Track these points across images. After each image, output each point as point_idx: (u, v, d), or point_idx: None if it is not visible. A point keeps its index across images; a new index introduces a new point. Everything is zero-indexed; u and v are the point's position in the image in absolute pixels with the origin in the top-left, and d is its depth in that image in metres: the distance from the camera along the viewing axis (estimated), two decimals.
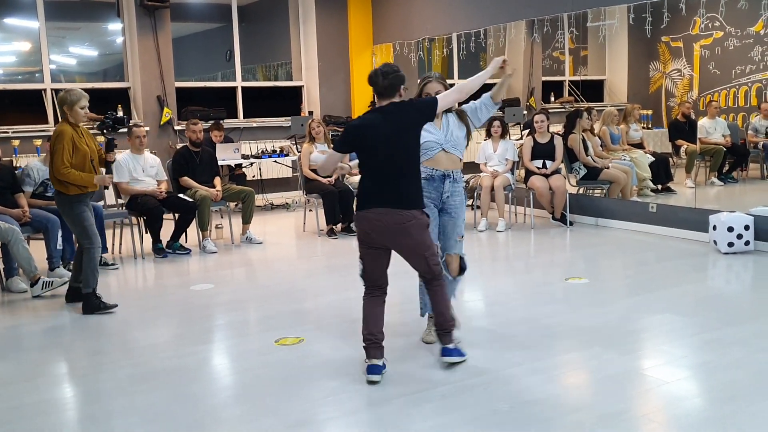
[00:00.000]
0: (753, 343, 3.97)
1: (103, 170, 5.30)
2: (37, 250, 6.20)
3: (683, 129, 8.61)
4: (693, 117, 8.73)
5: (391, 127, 3.53)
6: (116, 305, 5.01)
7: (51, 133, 5.80)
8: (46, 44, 9.17)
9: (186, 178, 7.06)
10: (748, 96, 8.64)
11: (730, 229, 6.06)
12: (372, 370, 3.54)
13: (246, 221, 7.32)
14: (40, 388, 3.67)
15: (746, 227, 6.05)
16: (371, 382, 3.49)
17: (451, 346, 3.72)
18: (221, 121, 9.35)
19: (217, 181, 7.27)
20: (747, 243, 6.08)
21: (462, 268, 4.11)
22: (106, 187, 6.21)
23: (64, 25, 10.38)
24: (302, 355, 4.00)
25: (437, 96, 3.69)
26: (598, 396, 3.38)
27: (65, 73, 10.34)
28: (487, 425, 3.03)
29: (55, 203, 6.11)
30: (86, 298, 4.99)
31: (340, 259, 6.60)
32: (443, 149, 3.95)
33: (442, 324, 3.71)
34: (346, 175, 7.95)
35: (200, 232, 7.00)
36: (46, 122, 9.06)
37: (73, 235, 6.07)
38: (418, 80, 3.86)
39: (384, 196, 3.53)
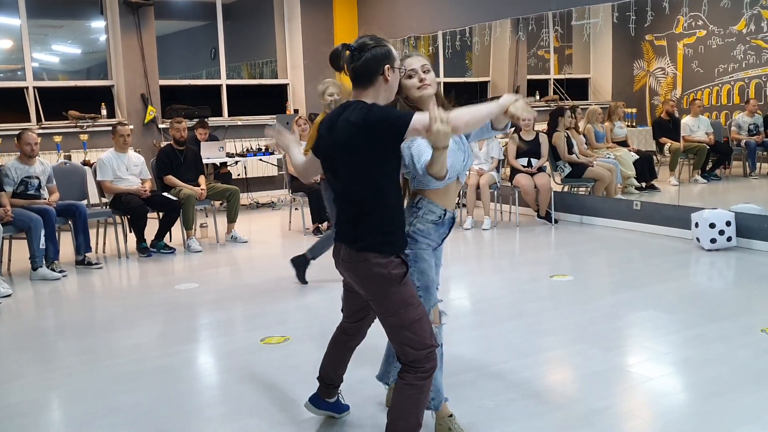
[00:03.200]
0: (735, 339, 4.00)
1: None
2: (20, 250, 6.16)
3: (667, 127, 8.67)
4: (677, 115, 8.79)
5: (343, 136, 2.47)
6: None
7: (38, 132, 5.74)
8: (28, 42, 9.08)
9: (170, 176, 7.02)
10: (731, 94, 8.71)
11: (712, 226, 6.11)
12: (313, 399, 3.06)
13: (231, 220, 7.29)
14: (24, 388, 3.64)
15: (728, 223, 6.11)
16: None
17: (332, 400, 3.04)
18: (206, 119, 9.31)
19: (202, 179, 7.24)
20: (729, 239, 6.14)
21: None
22: None
23: (47, 23, 10.28)
24: (288, 354, 3.99)
25: (414, 113, 2.38)
26: (582, 392, 3.40)
27: (48, 71, 10.25)
28: (472, 422, 3.03)
29: (35, 202, 6.07)
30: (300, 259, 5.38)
31: (326, 258, 6.57)
32: (458, 178, 2.81)
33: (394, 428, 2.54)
34: None
35: (185, 231, 6.97)
36: (29, 120, 8.97)
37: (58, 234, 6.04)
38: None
39: (337, 222, 2.63)
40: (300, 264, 5.44)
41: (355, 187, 2.49)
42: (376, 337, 2.95)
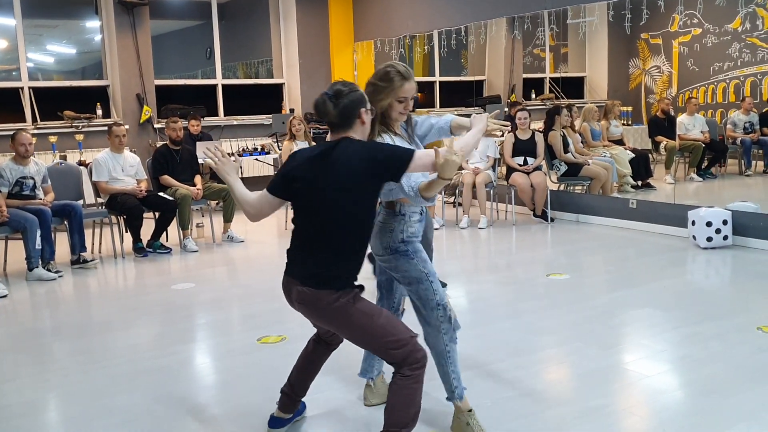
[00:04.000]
0: (732, 336, 4.01)
1: None
2: (16, 251, 6.14)
3: (662, 125, 8.68)
4: (672, 113, 8.80)
5: (329, 179, 2.52)
6: None
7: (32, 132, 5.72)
8: (23, 42, 9.05)
9: (166, 176, 7.01)
10: (726, 92, 8.73)
11: (709, 224, 6.12)
12: (272, 423, 3.02)
13: (227, 220, 7.29)
14: (20, 389, 3.63)
15: (724, 222, 6.12)
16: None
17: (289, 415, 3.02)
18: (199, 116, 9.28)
19: (198, 179, 7.23)
20: (725, 238, 6.15)
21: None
22: None
23: (42, 23, 10.26)
24: (285, 353, 3.98)
25: (416, 150, 2.55)
26: (579, 390, 3.40)
27: (43, 72, 10.23)
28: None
29: (31, 203, 6.06)
30: None
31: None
32: None
33: (392, 424, 2.59)
34: None
35: (181, 231, 6.96)
36: (24, 121, 8.95)
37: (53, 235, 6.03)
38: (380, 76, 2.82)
39: (291, 262, 2.67)
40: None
41: (344, 229, 2.55)
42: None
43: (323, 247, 2.56)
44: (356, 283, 2.62)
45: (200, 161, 7.62)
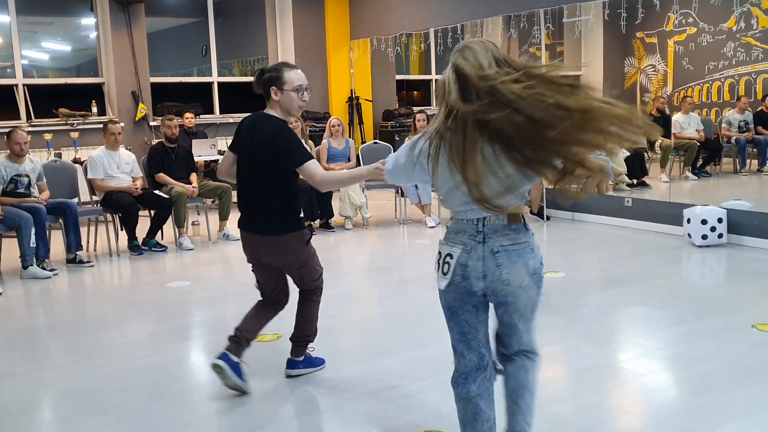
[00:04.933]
0: (726, 334, 4.03)
1: None
2: (10, 249, 6.12)
3: (657, 124, 8.69)
4: (667, 112, 8.83)
5: (260, 144, 3.21)
6: None
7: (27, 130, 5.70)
8: (17, 39, 9.02)
9: (162, 174, 7.00)
10: (721, 91, 8.76)
11: (704, 222, 6.13)
12: (222, 355, 3.31)
13: (223, 218, 7.27)
14: (15, 387, 3.62)
15: (719, 220, 6.14)
16: (214, 365, 3.29)
17: (300, 358, 3.55)
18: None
19: (194, 177, 7.21)
20: (720, 236, 6.17)
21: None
22: None
23: (36, 20, 10.21)
24: (280, 351, 3.97)
25: (309, 161, 3.18)
26: (574, 388, 3.41)
27: (38, 69, 10.19)
28: None
29: (25, 200, 6.04)
30: None
31: (319, 256, 6.57)
32: None
33: (304, 333, 3.51)
34: None
35: (176, 229, 6.94)
36: (18, 118, 8.92)
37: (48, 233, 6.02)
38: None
39: (242, 216, 3.36)
40: None
41: (270, 183, 3.20)
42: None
43: (266, 201, 3.24)
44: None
45: (196, 159, 7.61)
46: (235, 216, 7.42)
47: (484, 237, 2.25)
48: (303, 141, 7.63)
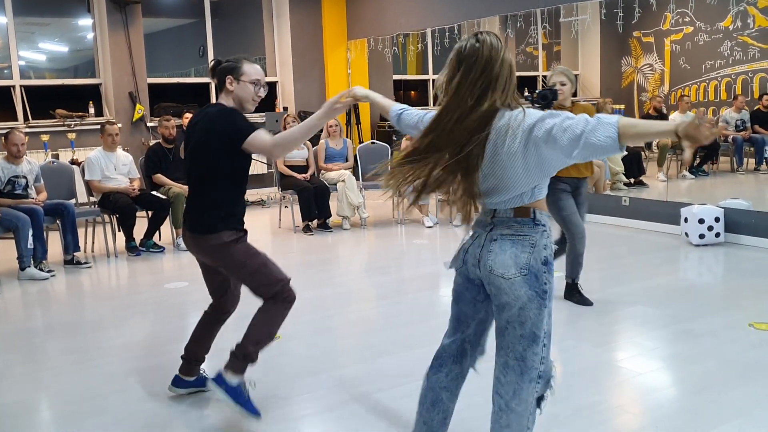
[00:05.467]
0: (724, 333, 4.03)
1: None
2: (8, 250, 6.12)
3: None
4: (664, 111, 8.84)
5: (198, 132, 3.04)
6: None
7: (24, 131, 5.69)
8: (14, 40, 9.01)
9: (159, 175, 6.99)
10: (718, 90, 8.77)
11: (701, 221, 6.14)
12: (175, 381, 3.37)
13: None
14: (13, 388, 3.61)
15: (716, 219, 6.15)
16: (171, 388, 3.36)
17: (234, 380, 3.03)
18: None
19: None
20: (718, 235, 6.18)
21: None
22: None
23: (33, 21, 10.20)
24: (278, 352, 3.98)
25: (256, 131, 2.92)
26: (572, 388, 3.41)
27: (35, 69, 10.17)
28: (463, 419, 3.04)
29: (23, 202, 6.03)
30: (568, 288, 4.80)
31: (316, 256, 6.59)
32: None
33: (247, 347, 3.03)
34: (322, 171, 7.96)
35: (174, 230, 6.94)
36: (16, 119, 8.91)
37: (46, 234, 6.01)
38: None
39: (185, 214, 3.17)
40: (572, 294, 4.80)
41: (202, 176, 3.03)
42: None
43: (198, 197, 3.08)
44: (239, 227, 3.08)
45: None
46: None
47: (492, 227, 2.25)
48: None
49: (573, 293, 4.73)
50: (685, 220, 6.29)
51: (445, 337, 2.48)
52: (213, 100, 10.31)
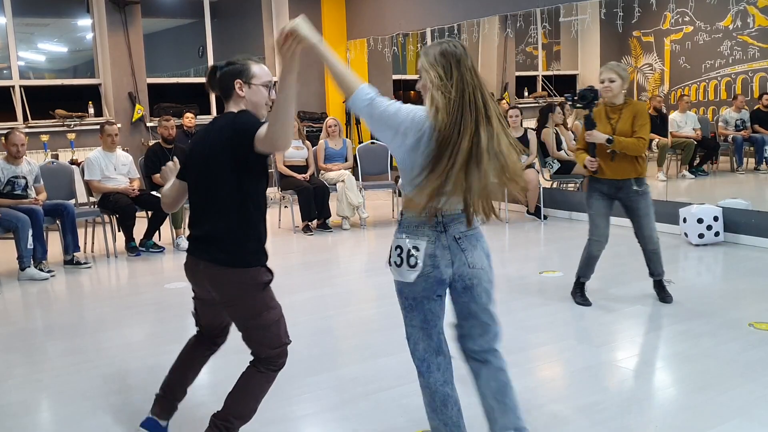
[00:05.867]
0: (723, 333, 4.03)
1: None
2: (7, 250, 6.12)
3: (655, 123, 8.71)
4: (664, 111, 8.83)
5: (204, 150, 2.64)
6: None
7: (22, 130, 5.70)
8: (13, 40, 9.01)
9: (158, 175, 6.97)
10: (718, 90, 8.76)
11: (700, 221, 6.14)
12: (146, 424, 2.91)
13: None
14: (12, 389, 3.61)
15: (716, 219, 6.15)
16: None
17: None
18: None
19: None
20: (717, 234, 6.18)
21: None
22: None
23: (33, 21, 10.20)
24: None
25: (264, 122, 2.51)
26: (572, 388, 3.41)
27: (34, 70, 10.17)
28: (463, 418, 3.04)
29: (22, 202, 6.04)
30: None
31: (316, 256, 6.59)
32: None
33: (229, 419, 2.70)
34: (322, 171, 7.96)
35: (174, 230, 6.94)
36: (15, 119, 8.90)
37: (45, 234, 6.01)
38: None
39: (192, 238, 2.73)
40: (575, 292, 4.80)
41: (224, 195, 2.57)
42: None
43: (215, 223, 2.60)
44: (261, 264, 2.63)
45: None
46: None
47: (444, 226, 2.37)
48: (300, 141, 7.69)
49: (575, 291, 4.72)
50: (684, 219, 6.29)
51: (419, 342, 2.51)
52: (213, 100, 10.39)
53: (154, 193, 6.87)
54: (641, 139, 4.33)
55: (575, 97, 4.57)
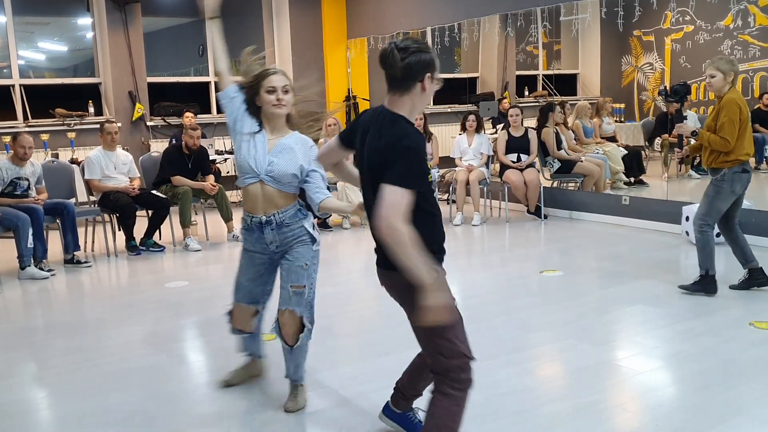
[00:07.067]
0: (724, 332, 4.03)
1: None
2: (8, 249, 6.12)
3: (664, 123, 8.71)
4: (664, 110, 8.82)
5: (372, 152, 2.34)
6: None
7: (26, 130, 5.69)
8: (14, 39, 9.01)
9: (178, 177, 6.90)
10: None
11: None
12: (385, 409, 2.96)
13: (227, 219, 7.11)
14: (13, 388, 3.61)
15: None
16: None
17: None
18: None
19: (210, 178, 7.12)
20: (718, 234, 6.16)
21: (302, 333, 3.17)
22: None
23: (33, 20, 10.19)
24: (279, 350, 3.97)
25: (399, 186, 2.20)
26: (572, 387, 3.41)
27: (34, 69, 10.17)
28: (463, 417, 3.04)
29: (23, 201, 6.04)
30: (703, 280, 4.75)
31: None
32: (260, 180, 3.07)
33: None
34: None
35: (182, 229, 6.88)
36: (15, 119, 8.90)
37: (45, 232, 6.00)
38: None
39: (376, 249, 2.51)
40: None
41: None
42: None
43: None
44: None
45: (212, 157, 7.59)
46: (238, 215, 7.39)
47: None
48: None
49: (710, 286, 4.75)
50: (686, 218, 6.28)
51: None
52: (213, 100, 10.38)
53: (154, 192, 6.86)
54: (724, 139, 4.50)
55: (668, 92, 4.72)
